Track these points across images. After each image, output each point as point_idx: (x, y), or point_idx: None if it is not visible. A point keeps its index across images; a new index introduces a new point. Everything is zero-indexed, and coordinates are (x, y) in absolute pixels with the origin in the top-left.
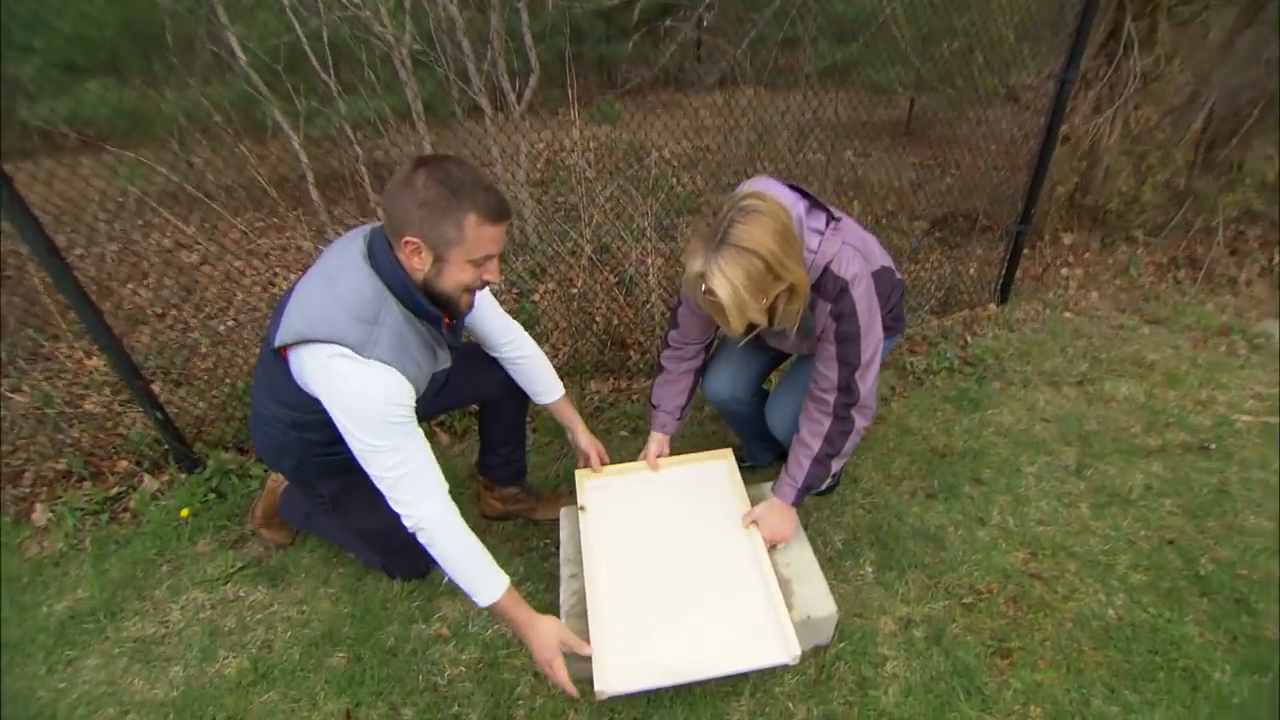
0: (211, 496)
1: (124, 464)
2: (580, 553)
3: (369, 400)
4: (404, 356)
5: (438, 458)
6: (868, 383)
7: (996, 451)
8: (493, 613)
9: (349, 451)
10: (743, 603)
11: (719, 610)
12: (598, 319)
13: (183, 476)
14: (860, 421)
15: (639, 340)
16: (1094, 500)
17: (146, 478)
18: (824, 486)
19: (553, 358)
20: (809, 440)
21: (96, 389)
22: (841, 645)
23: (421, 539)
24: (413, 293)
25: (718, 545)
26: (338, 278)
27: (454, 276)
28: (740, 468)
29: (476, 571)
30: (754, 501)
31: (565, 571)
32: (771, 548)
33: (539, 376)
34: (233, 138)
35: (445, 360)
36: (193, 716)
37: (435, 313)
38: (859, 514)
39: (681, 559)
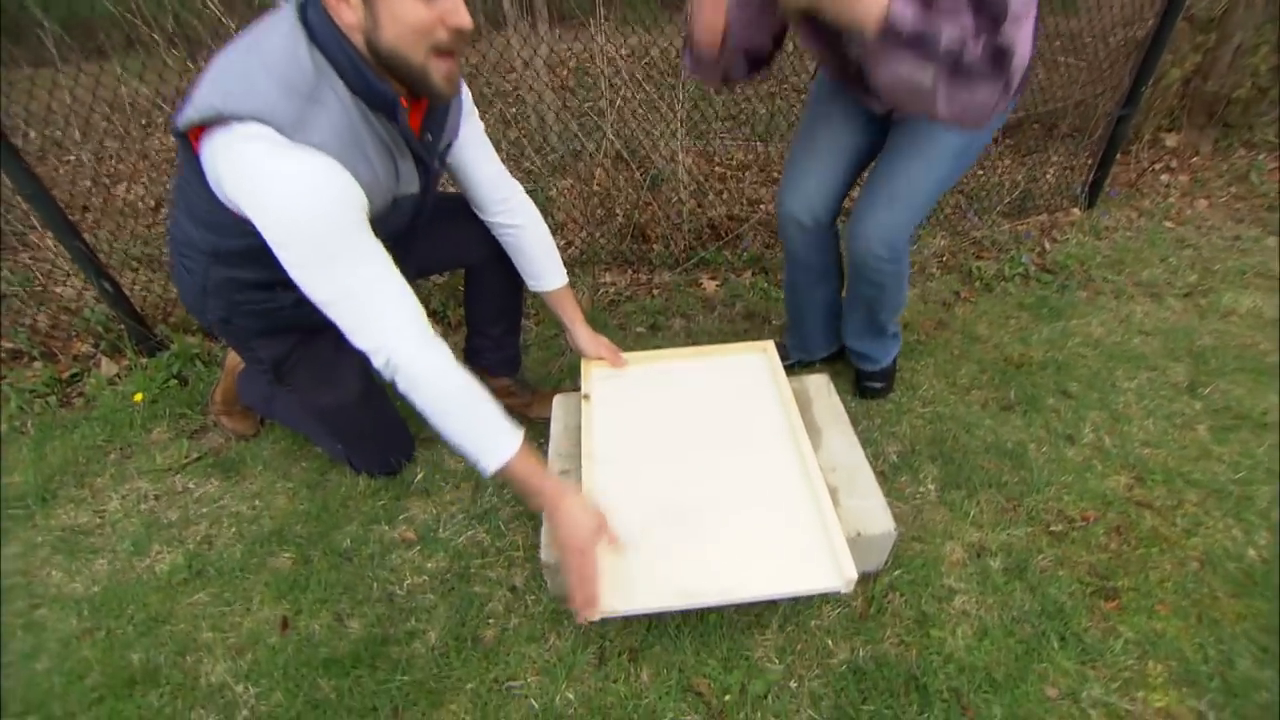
0: (173, 383)
1: (82, 347)
2: (577, 447)
3: (302, 199)
4: (353, 151)
5: (452, 347)
6: (1022, 39)
7: (1085, 364)
8: (505, 481)
9: (290, 295)
10: (782, 514)
11: (751, 522)
12: (619, 213)
13: (144, 361)
14: (1001, 83)
15: (663, 234)
16: (1215, 422)
17: (105, 361)
18: (878, 382)
19: (565, 250)
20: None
21: (66, 278)
22: (897, 574)
23: (400, 387)
24: (359, 67)
25: (753, 447)
26: (263, 42)
27: (397, 18)
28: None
29: (474, 424)
30: (799, 397)
31: (554, 466)
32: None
33: (537, 255)
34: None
35: (412, 179)
36: (110, 614)
37: (388, 92)
38: (917, 424)
39: (707, 461)
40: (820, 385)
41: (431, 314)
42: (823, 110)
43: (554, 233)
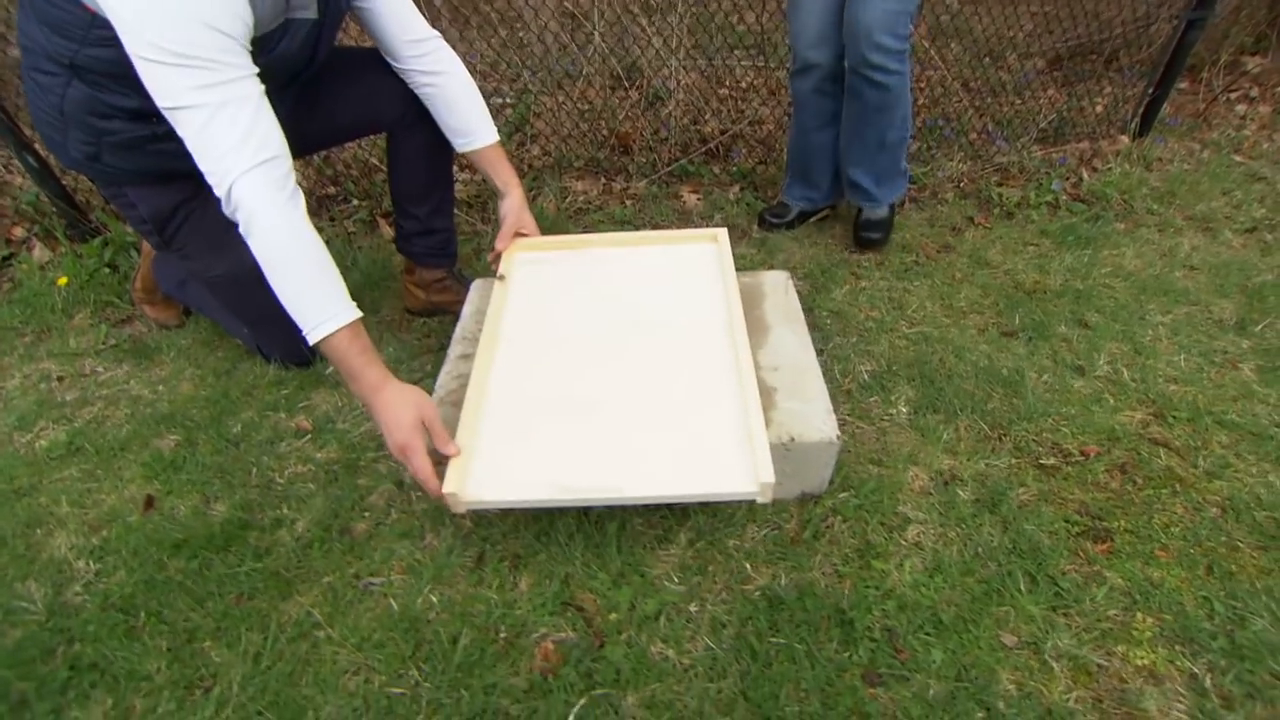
0: (105, 270)
1: (17, 231)
2: (482, 331)
3: None
4: None
5: (377, 252)
6: None
7: (1111, 295)
8: (326, 354)
9: (169, 126)
10: (700, 410)
11: (661, 417)
12: (604, 126)
13: (78, 248)
14: None
15: (647, 145)
16: (1264, 362)
17: (38, 246)
18: (876, 232)
19: (537, 158)
20: None
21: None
22: (843, 496)
23: (240, 228)
24: None
25: (681, 339)
26: None
27: None
28: (775, 222)
29: (308, 287)
30: (750, 292)
31: (455, 350)
32: None
33: (461, 108)
34: None
35: (308, 3)
36: None
37: None
38: (899, 344)
39: (624, 351)
40: (777, 282)
41: (385, 214)
42: None
43: (529, 144)
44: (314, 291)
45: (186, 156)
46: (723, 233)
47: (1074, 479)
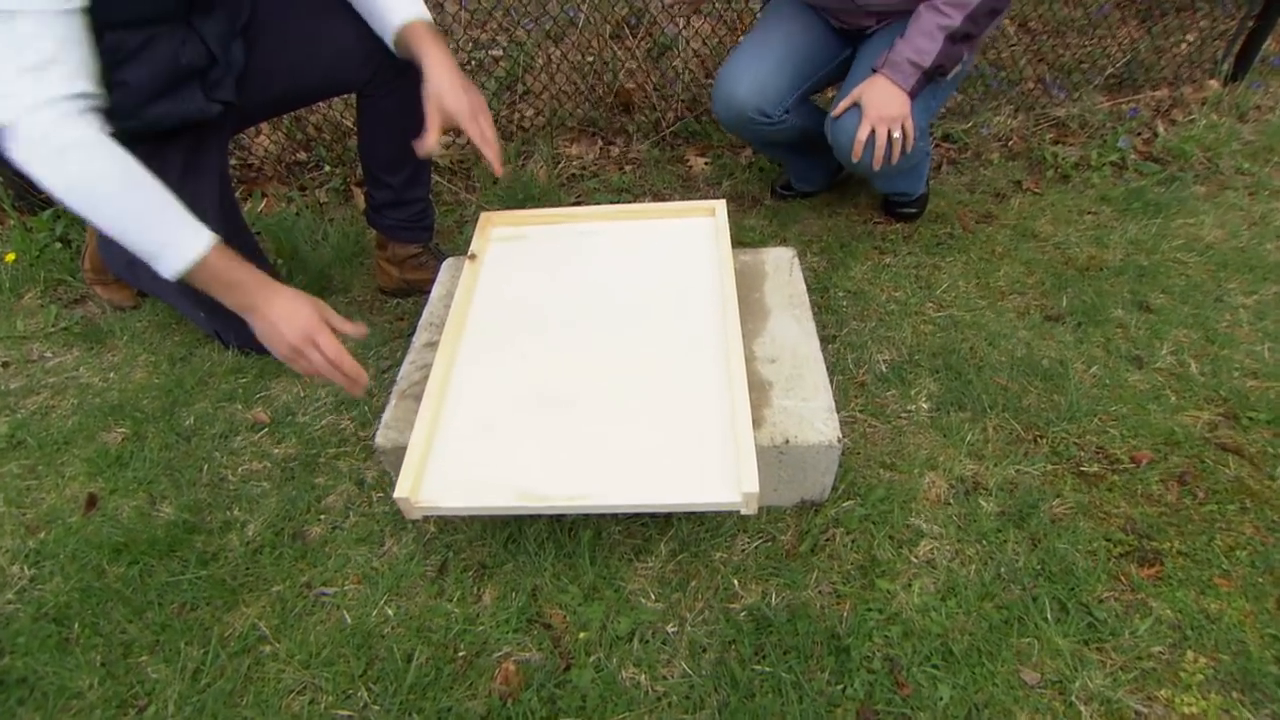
0: (56, 246)
1: None
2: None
3: None
4: None
5: (350, 224)
6: None
7: (1182, 271)
8: (198, 281)
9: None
10: (684, 409)
11: (641, 416)
12: (605, 80)
13: (28, 221)
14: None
15: (652, 103)
16: None
17: None
18: (912, 208)
19: (529, 118)
20: (948, 10)
21: None
22: (847, 505)
23: (18, 158)
24: None
25: (669, 328)
26: None
27: None
28: (787, 194)
29: (155, 211)
30: (751, 272)
31: (419, 338)
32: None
33: None
34: None
35: None
36: None
37: None
38: (924, 330)
39: (604, 341)
40: (781, 260)
41: (360, 183)
42: (777, 20)
43: (524, 101)
44: (167, 215)
45: (126, 116)
46: (721, 205)
47: (1120, 490)
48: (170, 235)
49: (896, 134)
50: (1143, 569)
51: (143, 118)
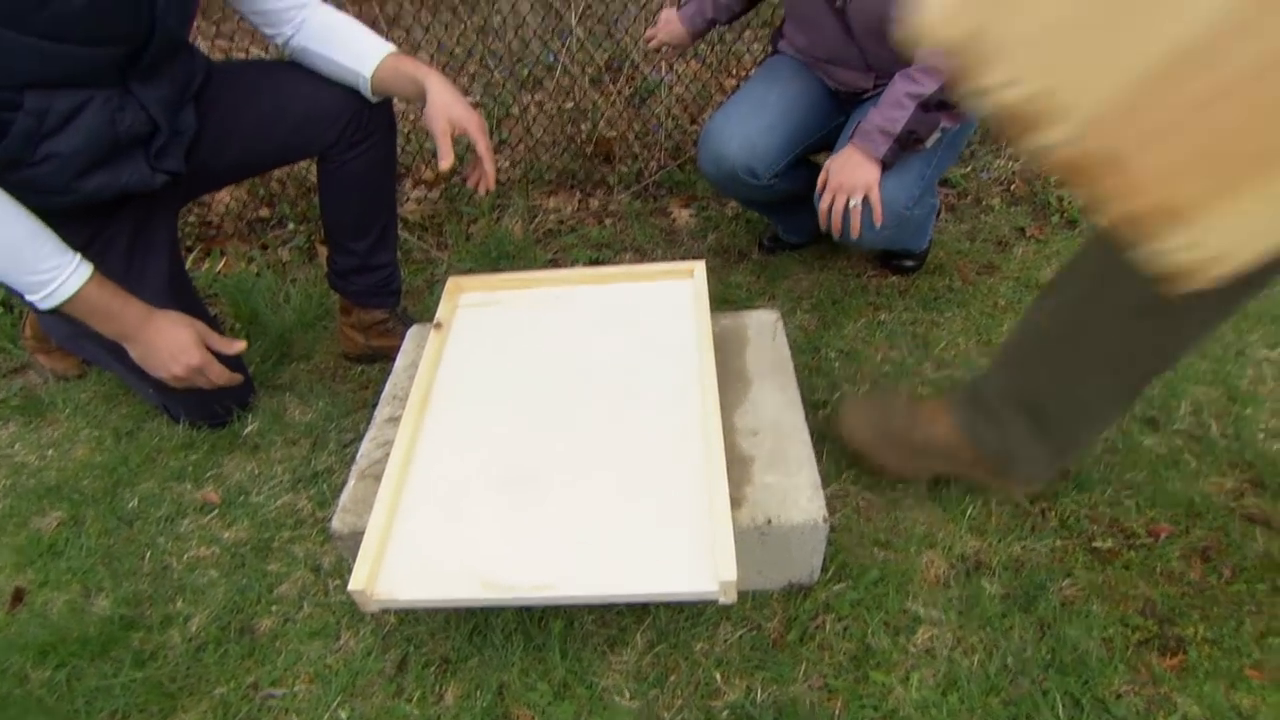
0: None
1: None
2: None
3: None
4: None
5: (313, 285)
6: None
7: None
8: (76, 311)
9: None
10: (659, 489)
11: (614, 496)
12: (583, 129)
13: None
14: None
15: (633, 152)
16: None
17: None
18: (911, 260)
19: (505, 171)
20: (921, 79)
21: None
22: (838, 588)
23: None
24: None
25: (645, 400)
26: None
27: None
28: (774, 248)
29: (27, 240)
30: (732, 337)
31: (382, 413)
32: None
33: (340, 32)
34: None
35: None
36: None
37: None
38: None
39: (577, 416)
40: (765, 324)
41: (280, 229)
42: (773, 77)
43: (498, 152)
44: (43, 246)
45: (58, 192)
46: (700, 266)
47: (1137, 568)
48: (46, 271)
49: (855, 203)
50: (1164, 659)
51: (77, 192)
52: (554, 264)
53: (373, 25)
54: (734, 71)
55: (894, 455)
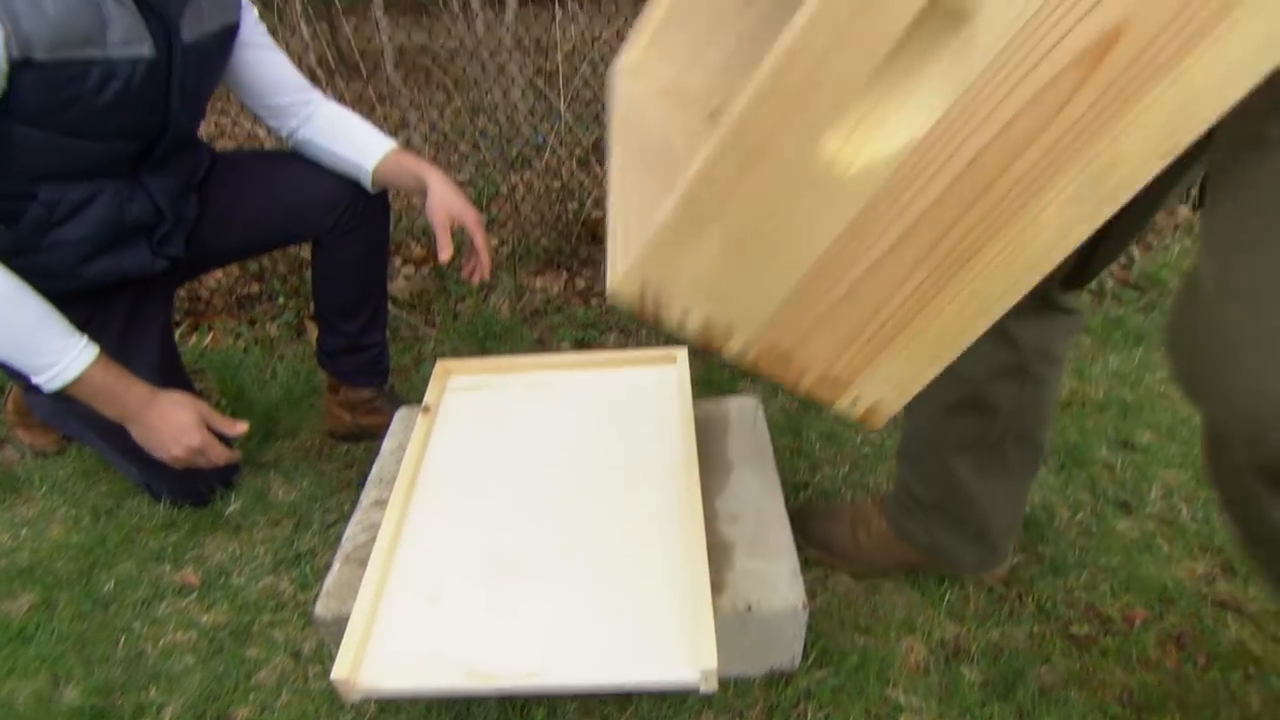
0: None
1: None
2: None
3: None
4: None
5: (301, 362)
6: None
7: (1168, 407)
8: (80, 394)
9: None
10: (640, 575)
11: (596, 583)
12: (571, 208)
13: None
14: None
15: None
16: None
17: None
18: None
19: (496, 250)
20: None
21: None
22: (819, 676)
23: None
24: None
25: (627, 485)
26: None
27: None
28: None
29: (34, 323)
30: (713, 423)
31: (368, 495)
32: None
33: (344, 126)
34: None
35: (138, 36)
36: None
37: None
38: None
39: (560, 504)
40: (745, 410)
41: (269, 304)
42: None
43: (488, 230)
44: (48, 328)
45: (62, 276)
46: (682, 354)
47: (1114, 654)
48: (52, 354)
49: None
50: None
51: (80, 277)
52: (541, 343)
53: (366, 104)
54: None
55: (848, 560)
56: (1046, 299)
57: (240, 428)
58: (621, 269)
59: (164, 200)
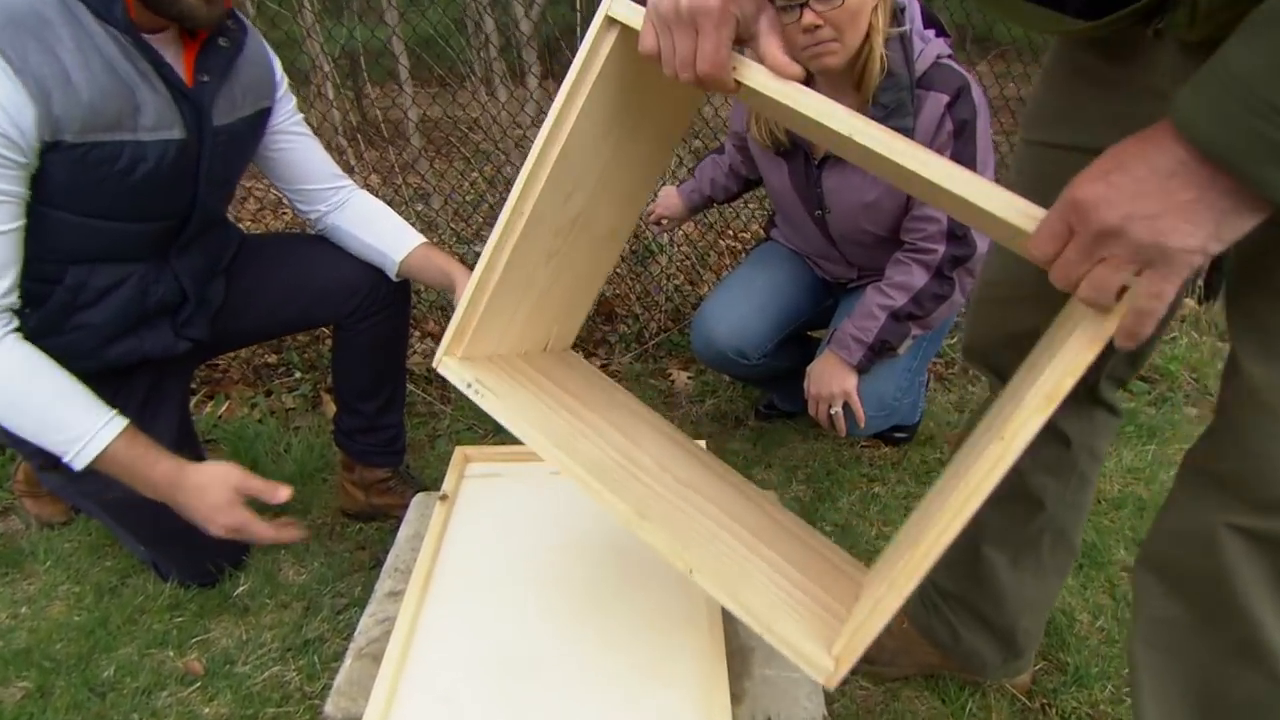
0: None
1: None
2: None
3: None
4: (28, 39)
5: (315, 435)
6: (986, 238)
7: None
8: (107, 469)
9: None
10: (657, 682)
11: (611, 686)
12: None
13: None
14: (958, 294)
15: (635, 313)
16: None
17: None
18: (903, 433)
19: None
20: (891, 292)
21: None
22: None
23: None
24: None
25: (645, 590)
26: None
27: None
28: (770, 414)
29: (59, 400)
30: None
31: (383, 586)
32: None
33: (377, 220)
34: None
35: (169, 120)
36: None
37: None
38: None
39: (578, 603)
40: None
41: (330, 388)
42: (764, 263)
43: None
44: (72, 404)
45: (84, 357)
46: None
47: None
48: (76, 428)
49: (836, 410)
50: None
51: (101, 358)
52: None
53: (388, 171)
54: (735, 233)
55: (868, 662)
56: (1095, 395)
57: (283, 493)
58: None
59: (189, 282)
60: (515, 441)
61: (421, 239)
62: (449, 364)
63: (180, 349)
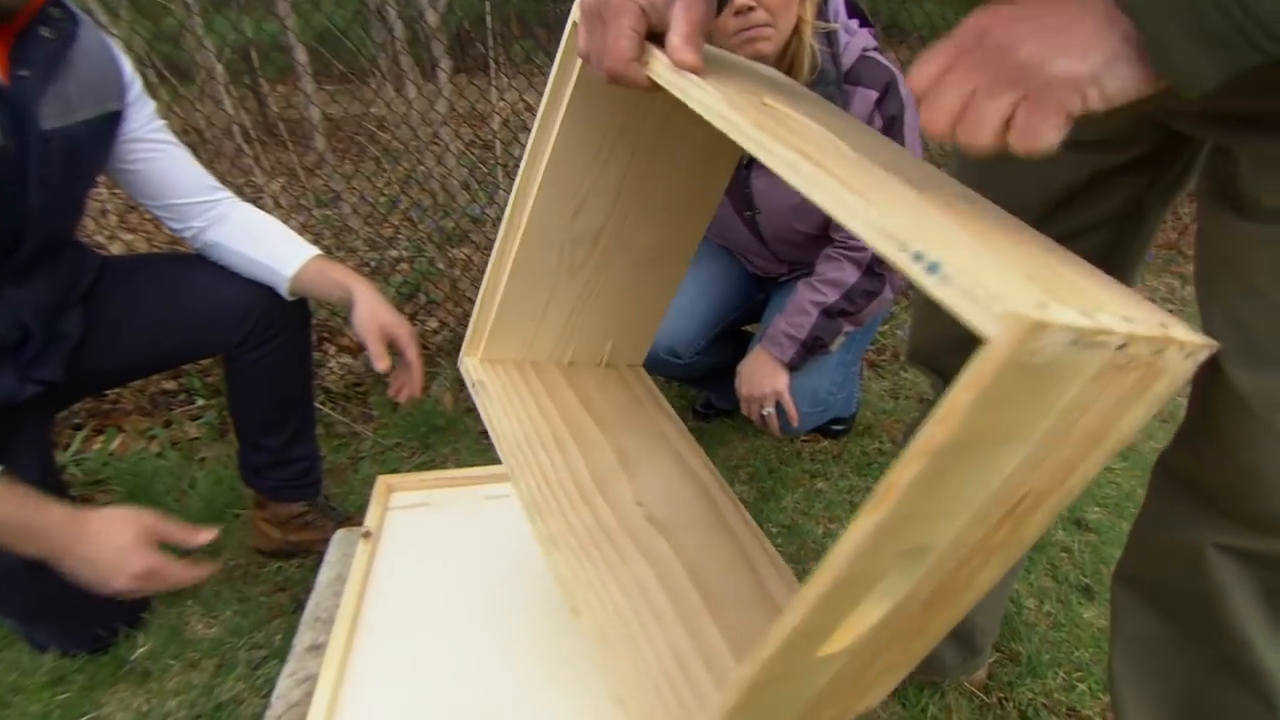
0: None
1: None
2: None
3: None
4: None
5: (223, 467)
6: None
7: (1112, 481)
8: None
9: None
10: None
11: None
12: None
13: None
14: (890, 291)
15: None
16: None
17: None
18: (841, 424)
19: (433, 334)
20: (823, 288)
21: None
22: None
23: None
24: None
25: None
26: None
27: None
28: (707, 413)
29: None
30: None
31: (302, 639)
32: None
33: (260, 232)
34: None
35: None
36: None
37: None
38: None
39: (517, 640)
40: None
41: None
42: (696, 259)
43: (426, 312)
44: None
45: None
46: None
47: None
48: None
49: (769, 411)
50: None
51: None
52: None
53: (292, 174)
54: None
55: None
56: None
57: (204, 536)
58: None
59: (31, 316)
60: (443, 465)
61: (315, 251)
62: (467, 363)
63: (27, 393)
